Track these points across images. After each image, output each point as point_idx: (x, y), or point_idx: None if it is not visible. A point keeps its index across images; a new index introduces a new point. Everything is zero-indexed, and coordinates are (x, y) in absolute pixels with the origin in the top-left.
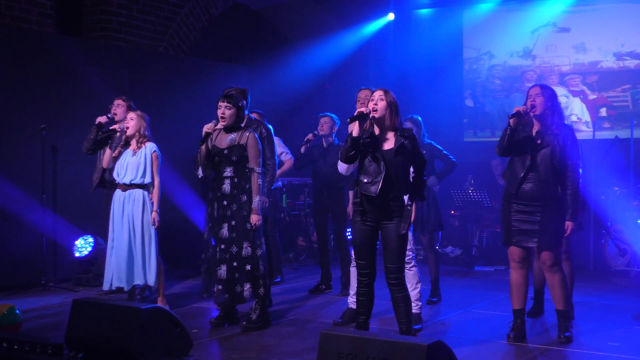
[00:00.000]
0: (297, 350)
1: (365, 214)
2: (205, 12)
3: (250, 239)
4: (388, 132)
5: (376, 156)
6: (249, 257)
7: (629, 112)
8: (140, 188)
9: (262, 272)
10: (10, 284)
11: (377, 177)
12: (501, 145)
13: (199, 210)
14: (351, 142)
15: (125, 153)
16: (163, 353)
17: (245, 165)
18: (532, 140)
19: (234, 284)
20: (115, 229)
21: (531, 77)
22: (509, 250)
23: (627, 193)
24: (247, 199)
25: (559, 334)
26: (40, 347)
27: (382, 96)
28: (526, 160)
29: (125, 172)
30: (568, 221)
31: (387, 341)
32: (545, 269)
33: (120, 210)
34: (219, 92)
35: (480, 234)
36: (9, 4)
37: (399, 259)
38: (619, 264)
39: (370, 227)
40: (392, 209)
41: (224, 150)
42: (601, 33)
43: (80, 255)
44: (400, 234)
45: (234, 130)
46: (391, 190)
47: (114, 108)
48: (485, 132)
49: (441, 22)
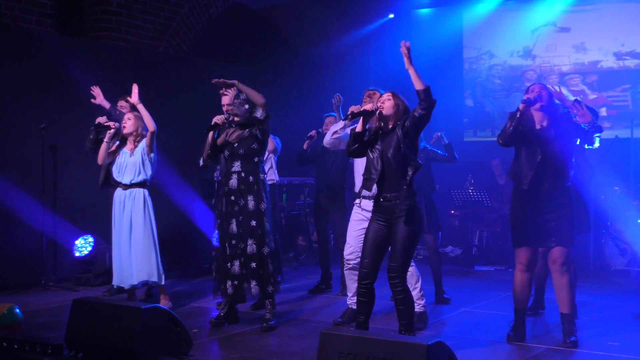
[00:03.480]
0: (297, 350)
1: (375, 212)
2: (205, 11)
3: (256, 237)
4: (392, 132)
5: (377, 154)
6: (254, 254)
7: (629, 112)
8: (141, 187)
9: (269, 271)
10: (10, 284)
11: (374, 175)
12: (505, 133)
13: (199, 209)
14: (353, 137)
15: (122, 153)
16: (163, 353)
17: (252, 160)
18: (539, 134)
19: (254, 277)
20: (116, 227)
21: (531, 76)
22: (517, 252)
23: (627, 193)
24: (253, 196)
25: (565, 339)
26: (40, 347)
27: (390, 97)
28: (536, 155)
29: (124, 172)
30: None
31: (387, 341)
32: (555, 268)
33: (121, 208)
34: (219, 92)
35: (480, 234)
36: (9, 4)
37: (403, 258)
38: (619, 263)
39: (380, 226)
40: (398, 207)
41: (234, 144)
42: (601, 33)
43: (80, 255)
44: (405, 233)
45: (247, 127)
46: (391, 189)
47: (118, 109)
48: (485, 131)
49: (441, 22)
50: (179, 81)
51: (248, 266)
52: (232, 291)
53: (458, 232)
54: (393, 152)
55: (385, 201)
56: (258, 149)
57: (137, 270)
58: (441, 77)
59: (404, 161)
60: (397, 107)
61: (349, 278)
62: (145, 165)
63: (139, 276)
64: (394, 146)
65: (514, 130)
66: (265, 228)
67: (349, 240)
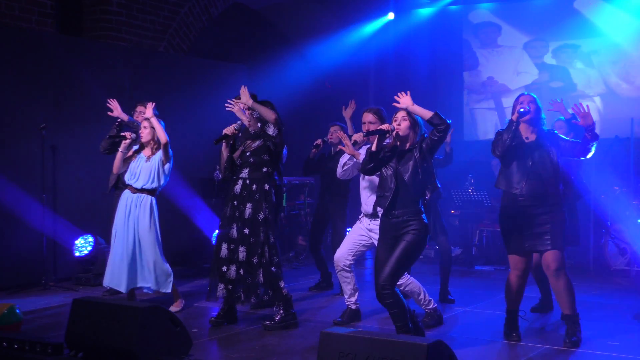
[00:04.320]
0: (297, 349)
1: (382, 230)
2: (205, 11)
3: (247, 245)
4: (410, 153)
5: (392, 172)
6: (243, 262)
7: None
8: (150, 194)
9: (257, 281)
10: (10, 284)
11: (387, 192)
12: (504, 144)
13: (199, 210)
14: (369, 156)
15: (139, 158)
16: (163, 353)
17: (261, 170)
18: (529, 144)
19: (242, 285)
20: (118, 229)
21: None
22: (512, 258)
23: (627, 192)
24: (252, 204)
25: (566, 339)
26: (40, 346)
27: (406, 117)
28: (527, 161)
29: (138, 176)
30: None
31: (387, 341)
32: (550, 273)
33: (127, 211)
34: (219, 91)
35: (480, 234)
36: (9, 4)
37: (394, 268)
38: (618, 263)
39: (387, 245)
40: (406, 224)
41: (246, 152)
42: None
43: (80, 254)
44: (405, 247)
45: (260, 138)
46: (402, 207)
47: (136, 115)
48: (485, 131)
49: (441, 22)
50: (179, 81)
51: (238, 272)
52: (224, 294)
53: (458, 232)
54: (410, 175)
55: (393, 218)
56: (269, 160)
57: (140, 276)
58: (441, 76)
59: (422, 184)
60: (414, 128)
61: (342, 281)
62: (160, 174)
63: (140, 281)
64: (412, 169)
65: (511, 141)
66: (260, 238)
67: (342, 244)
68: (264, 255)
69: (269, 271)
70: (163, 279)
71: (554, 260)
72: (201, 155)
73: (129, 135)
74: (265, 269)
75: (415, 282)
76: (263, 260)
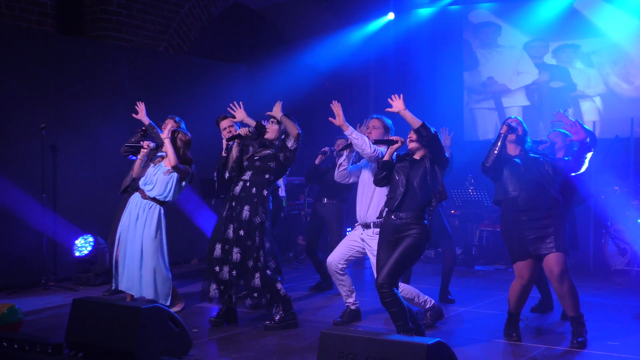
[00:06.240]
0: (297, 349)
1: (382, 233)
2: (205, 11)
3: (242, 247)
4: (421, 162)
5: (403, 176)
6: (237, 263)
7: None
8: (160, 204)
9: (251, 285)
10: (10, 284)
11: (397, 194)
12: (492, 156)
13: (198, 209)
14: (381, 165)
15: (159, 166)
16: (163, 353)
17: (264, 175)
18: (516, 157)
19: (234, 287)
20: (123, 231)
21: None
22: (517, 267)
23: (627, 192)
24: (249, 206)
25: (572, 340)
26: (40, 346)
27: (414, 138)
28: (520, 168)
29: (154, 185)
30: None
31: (387, 341)
32: (553, 278)
33: (134, 216)
34: (218, 91)
35: (480, 233)
36: (9, 3)
37: (393, 267)
38: (618, 263)
39: (389, 248)
40: (408, 226)
41: (255, 157)
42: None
43: (80, 254)
44: (405, 248)
45: (273, 147)
46: (406, 210)
47: (163, 126)
48: (485, 131)
49: (441, 22)
50: (179, 81)
51: (231, 273)
52: (216, 295)
53: (458, 232)
54: (419, 182)
55: (397, 219)
56: (275, 168)
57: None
58: (441, 76)
59: (429, 191)
60: (422, 145)
61: (337, 284)
62: (175, 190)
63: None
64: (421, 175)
65: (499, 153)
66: (255, 242)
67: (336, 248)
68: (259, 260)
69: (265, 275)
70: (163, 288)
71: (557, 263)
72: (201, 156)
73: (146, 145)
74: (261, 273)
75: (407, 288)
76: (259, 264)
